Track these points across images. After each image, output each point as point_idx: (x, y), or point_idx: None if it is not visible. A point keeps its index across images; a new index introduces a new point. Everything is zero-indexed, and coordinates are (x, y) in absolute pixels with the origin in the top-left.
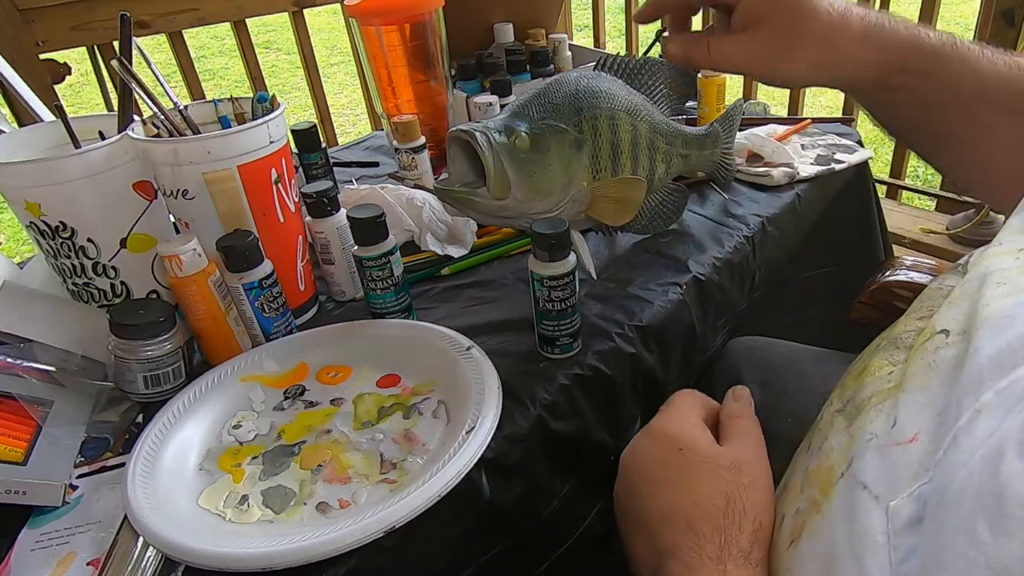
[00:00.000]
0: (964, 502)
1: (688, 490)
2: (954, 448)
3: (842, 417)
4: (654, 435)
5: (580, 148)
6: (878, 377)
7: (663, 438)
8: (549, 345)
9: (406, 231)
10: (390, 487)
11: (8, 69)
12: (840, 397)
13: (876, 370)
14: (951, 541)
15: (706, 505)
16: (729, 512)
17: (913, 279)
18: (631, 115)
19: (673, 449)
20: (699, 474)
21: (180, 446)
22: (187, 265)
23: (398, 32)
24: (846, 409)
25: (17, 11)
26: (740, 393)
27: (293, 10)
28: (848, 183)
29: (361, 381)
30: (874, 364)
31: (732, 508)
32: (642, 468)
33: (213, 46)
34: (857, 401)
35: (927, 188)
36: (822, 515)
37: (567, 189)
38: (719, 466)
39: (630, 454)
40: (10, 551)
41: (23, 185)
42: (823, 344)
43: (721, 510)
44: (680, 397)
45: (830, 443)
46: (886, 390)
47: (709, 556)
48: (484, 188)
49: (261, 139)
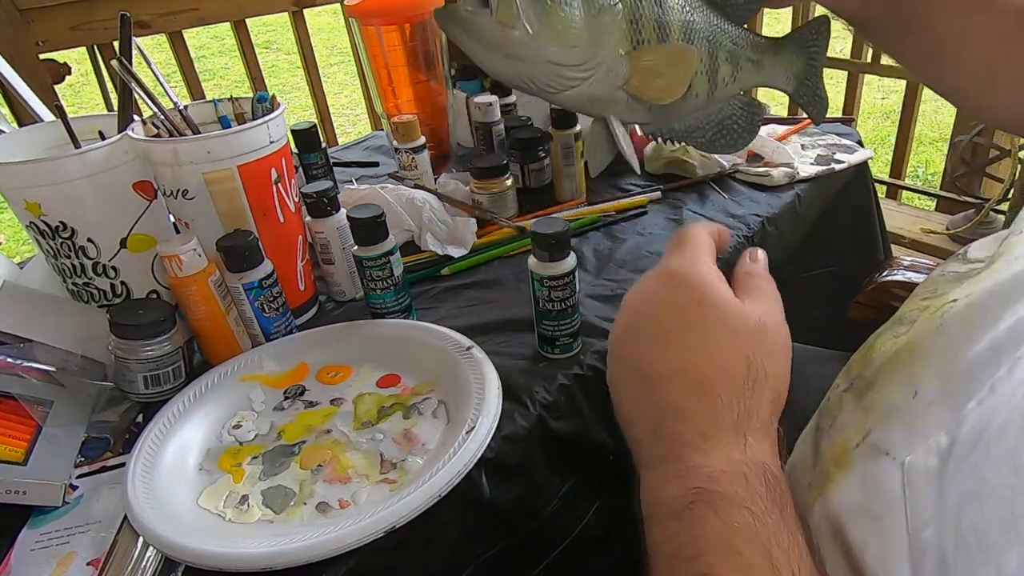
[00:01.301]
0: (1006, 438)
1: (706, 348)
2: (992, 395)
3: (851, 395)
4: (670, 278)
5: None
6: (883, 352)
7: (681, 283)
8: (549, 345)
9: (406, 231)
10: (390, 487)
11: (8, 69)
12: (846, 378)
13: (881, 346)
14: (993, 475)
15: (727, 368)
16: (750, 379)
17: (911, 279)
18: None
19: (691, 299)
20: (720, 332)
21: (180, 446)
22: (187, 265)
23: (398, 32)
24: (853, 387)
25: (17, 11)
26: (758, 255)
27: (293, 10)
28: (848, 183)
29: (361, 381)
30: (879, 343)
31: (754, 375)
32: (652, 314)
33: (213, 46)
34: (866, 377)
35: (927, 188)
36: (836, 483)
37: (596, 47)
38: (743, 326)
39: (638, 295)
40: (10, 551)
41: (23, 185)
42: (823, 344)
43: (742, 376)
44: (697, 232)
45: (841, 420)
46: (894, 360)
47: (727, 425)
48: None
49: (261, 139)
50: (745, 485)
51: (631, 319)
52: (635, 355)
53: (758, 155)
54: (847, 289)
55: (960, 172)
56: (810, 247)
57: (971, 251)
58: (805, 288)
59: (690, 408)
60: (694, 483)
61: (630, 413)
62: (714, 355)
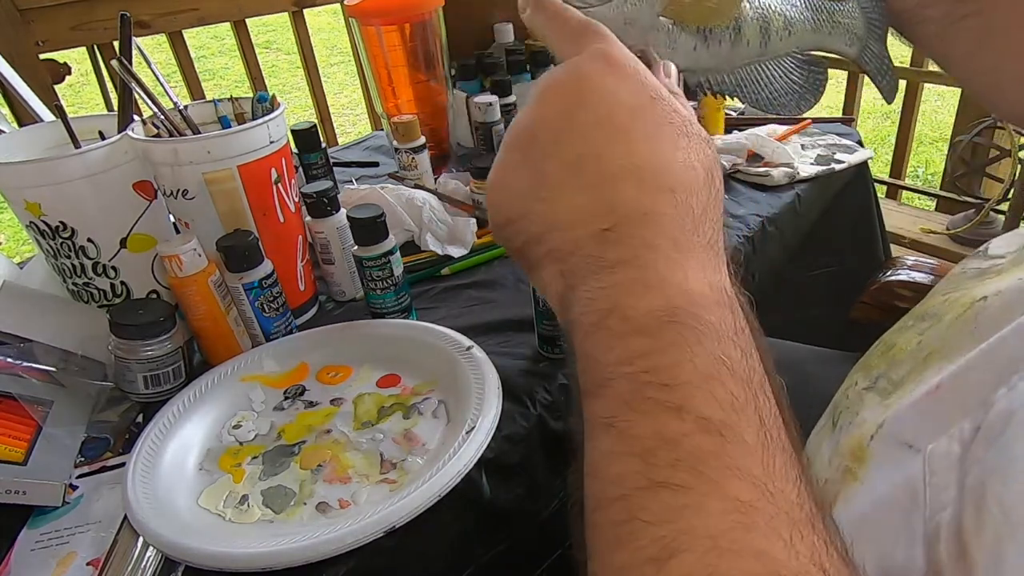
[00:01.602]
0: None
1: (663, 150)
2: (1023, 380)
3: (874, 393)
4: (619, 68)
5: None
6: (909, 351)
7: (633, 77)
8: (549, 345)
9: (406, 231)
10: (390, 487)
11: (8, 69)
12: (866, 376)
13: (907, 345)
14: (1021, 450)
15: (689, 174)
16: (714, 191)
17: (915, 279)
18: None
19: (646, 95)
20: (678, 136)
21: (180, 446)
22: (187, 265)
23: (398, 32)
24: (877, 385)
25: (17, 11)
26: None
27: (293, 10)
28: (848, 183)
29: (361, 381)
30: (902, 341)
31: (716, 189)
32: (596, 101)
33: (213, 46)
34: (892, 377)
35: (927, 188)
36: (860, 481)
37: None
38: (697, 134)
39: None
40: (10, 551)
41: (23, 185)
42: (823, 344)
43: (706, 185)
44: None
45: (862, 416)
46: (925, 360)
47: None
48: None
49: (261, 139)
50: (731, 318)
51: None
52: (571, 143)
53: (758, 155)
54: (847, 289)
55: (960, 172)
56: (810, 247)
57: (992, 247)
58: (805, 288)
59: (656, 210)
60: (673, 299)
61: (564, 210)
62: (675, 159)
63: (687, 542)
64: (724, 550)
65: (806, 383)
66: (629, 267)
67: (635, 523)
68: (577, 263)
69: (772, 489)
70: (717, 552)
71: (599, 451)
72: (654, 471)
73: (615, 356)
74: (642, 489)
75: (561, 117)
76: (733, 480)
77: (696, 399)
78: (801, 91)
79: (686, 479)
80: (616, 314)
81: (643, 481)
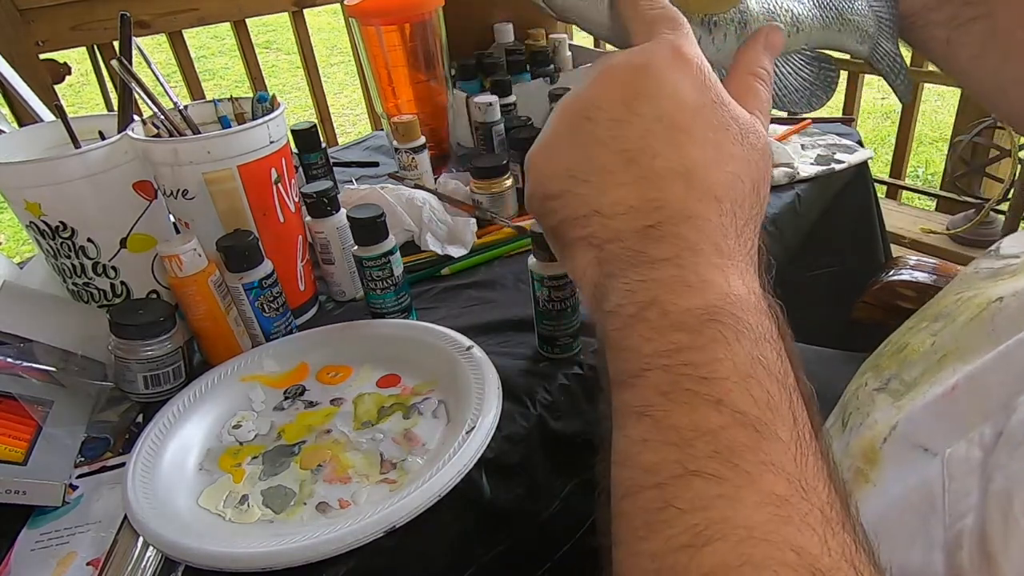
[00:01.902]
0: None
1: (718, 158)
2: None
3: (886, 394)
4: (687, 64)
5: None
6: (924, 352)
7: (698, 75)
8: (549, 345)
9: (406, 231)
10: (390, 487)
11: (8, 69)
12: (877, 376)
13: (919, 346)
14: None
15: (737, 185)
16: (757, 205)
17: (917, 279)
18: None
19: (708, 97)
20: (732, 144)
21: (180, 446)
22: (187, 265)
23: (398, 32)
24: (889, 386)
25: (17, 11)
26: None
27: (293, 10)
28: (848, 183)
29: (361, 381)
30: (915, 341)
31: (760, 202)
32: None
33: (213, 46)
34: (905, 379)
35: (927, 188)
36: (872, 483)
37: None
38: (753, 145)
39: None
40: (10, 551)
41: (23, 185)
42: (824, 344)
43: (750, 199)
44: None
45: (874, 418)
46: (940, 362)
47: (743, 249)
48: None
49: (261, 139)
50: (767, 323)
51: (627, 89)
52: (628, 133)
53: None
54: (848, 289)
55: (960, 172)
56: (810, 247)
57: (1004, 247)
58: (805, 288)
59: (701, 215)
60: (713, 300)
61: (610, 199)
62: (727, 166)
63: (722, 531)
64: (759, 540)
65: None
66: (671, 265)
67: (669, 511)
68: (617, 253)
69: (805, 486)
70: (752, 542)
71: (630, 439)
72: (691, 460)
73: (653, 348)
74: (677, 477)
75: (621, 104)
76: (768, 474)
77: (734, 394)
78: (812, 88)
79: (722, 470)
80: (656, 307)
81: (679, 469)
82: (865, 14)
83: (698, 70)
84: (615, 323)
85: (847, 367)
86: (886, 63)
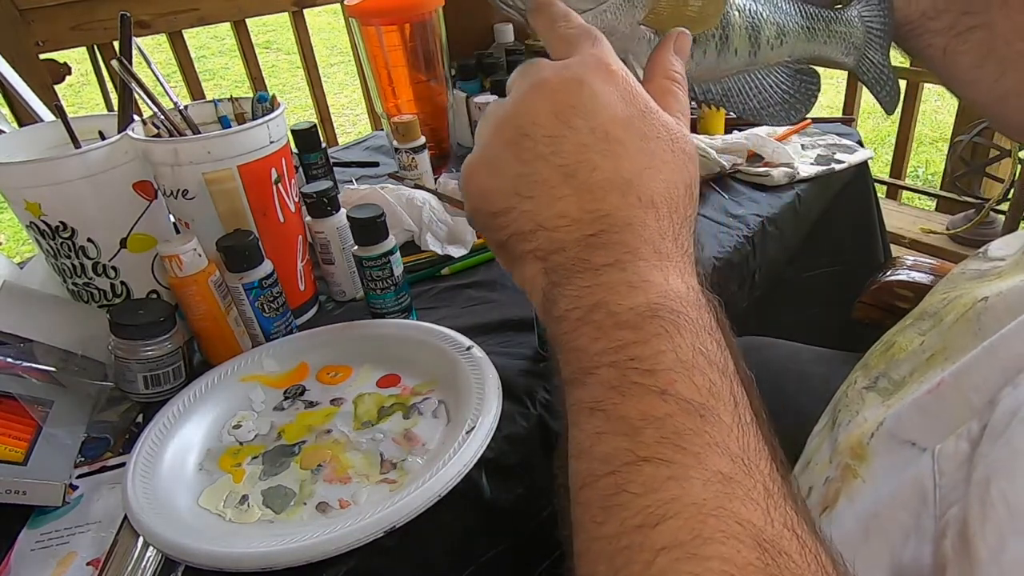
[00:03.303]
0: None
1: (652, 166)
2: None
3: (875, 393)
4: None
5: None
6: (912, 352)
7: (627, 88)
8: (549, 345)
9: (406, 231)
10: (390, 487)
11: (8, 69)
12: (866, 375)
13: (907, 344)
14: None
15: (671, 191)
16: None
17: (914, 279)
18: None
19: (637, 108)
20: (664, 151)
21: (180, 446)
22: (187, 265)
23: (398, 32)
24: (877, 385)
25: (17, 11)
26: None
27: (293, 10)
28: (848, 183)
29: (361, 381)
30: (903, 340)
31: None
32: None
33: (213, 46)
34: (893, 377)
35: (927, 188)
36: (862, 479)
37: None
38: (682, 150)
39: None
40: (10, 551)
41: (23, 185)
42: (823, 344)
43: (684, 202)
44: None
45: (863, 416)
46: (928, 361)
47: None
48: None
49: (261, 139)
50: (707, 316)
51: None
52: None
53: (758, 155)
54: (847, 289)
55: (960, 172)
56: (810, 247)
57: (991, 249)
58: (805, 288)
59: (639, 222)
60: (654, 297)
61: (552, 212)
62: (661, 172)
63: (673, 509)
64: (707, 515)
65: (806, 383)
66: (614, 270)
67: (623, 495)
68: (562, 262)
69: (748, 464)
70: (701, 518)
71: (585, 433)
72: (641, 448)
73: (601, 346)
74: (629, 464)
75: (556, 118)
76: (713, 455)
77: (678, 384)
78: (792, 101)
79: (670, 454)
80: (601, 309)
81: (631, 457)
82: (854, 26)
83: (624, 82)
84: (564, 327)
85: (846, 367)
86: (872, 74)
